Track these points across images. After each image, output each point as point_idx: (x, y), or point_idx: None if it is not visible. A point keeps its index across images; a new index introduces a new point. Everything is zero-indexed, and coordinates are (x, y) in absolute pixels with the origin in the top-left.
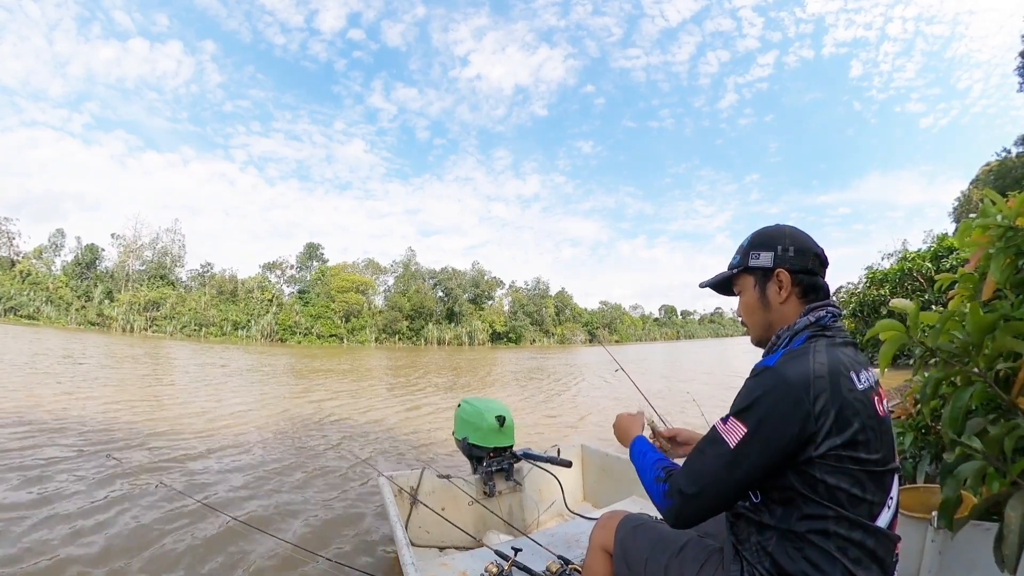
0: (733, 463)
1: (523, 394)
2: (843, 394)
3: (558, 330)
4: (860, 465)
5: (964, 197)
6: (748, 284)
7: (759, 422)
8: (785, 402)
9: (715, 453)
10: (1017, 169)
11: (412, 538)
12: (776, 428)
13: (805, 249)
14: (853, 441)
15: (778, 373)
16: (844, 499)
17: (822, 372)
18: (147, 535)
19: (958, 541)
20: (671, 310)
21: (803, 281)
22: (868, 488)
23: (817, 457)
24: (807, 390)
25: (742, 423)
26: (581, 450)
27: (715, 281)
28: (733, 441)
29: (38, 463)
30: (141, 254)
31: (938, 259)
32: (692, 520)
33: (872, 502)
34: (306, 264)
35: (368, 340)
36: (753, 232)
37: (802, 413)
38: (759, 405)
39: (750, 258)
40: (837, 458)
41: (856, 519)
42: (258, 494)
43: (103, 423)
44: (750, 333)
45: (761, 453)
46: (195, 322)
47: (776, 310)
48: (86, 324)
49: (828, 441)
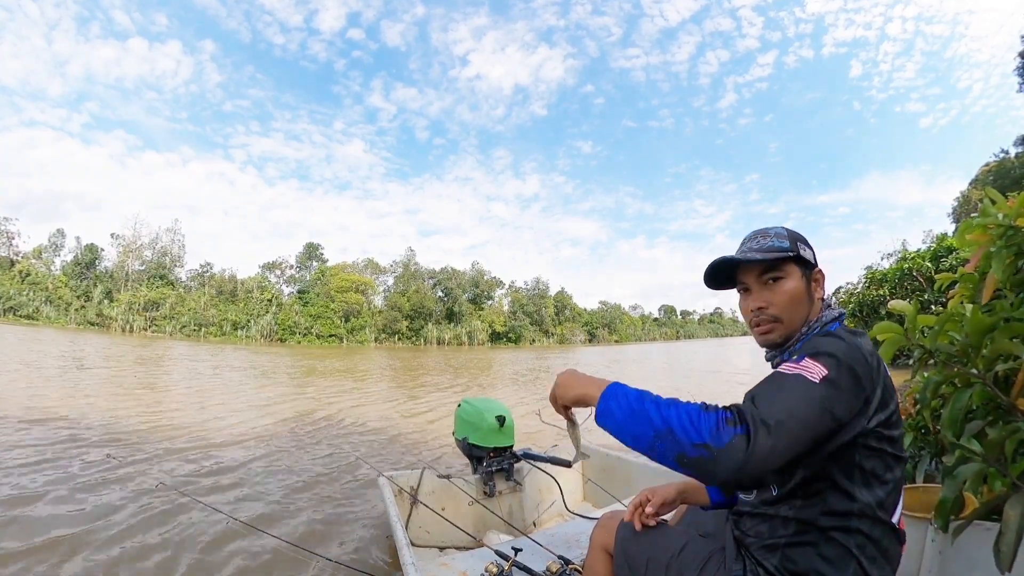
0: (823, 402)
1: (523, 394)
2: (885, 376)
3: (558, 330)
4: (894, 448)
5: (964, 197)
6: (796, 274)
7: (839, 366)
8: (858, 362)
9: (796, 386)
10: (1016, 169)
11: (412, 538)
12: (855, 378)
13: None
14: (890, 421)
15: (849, 335)
16: (877, 487)
17: (874, 350)
18: (146, 535)
19: (958, 541)
20: (671, 310)
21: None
22: (896, 474)
23: (861, 435)
24: (871, 359)
25: (821, 364)
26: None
27: (761, 258)
28: (816, 377)
29: (37, 461)
30: (141, 254)
31: (938, 259)
32: (765, 460)
33: (897, 493)
34: (306, 264)
35: (368, 340)
36: (779, 226)
37: (871, 375)
38: (836, 352)
39: (800, 248)
40: (878, 438)
41: (878, 516)
42: (258, 494)
43: (102, 422)
44: (779, 329)
45: (846, 395)
46: (195, 322)
47: (815, 306)
48: (85, 324)
49: (876, 416)
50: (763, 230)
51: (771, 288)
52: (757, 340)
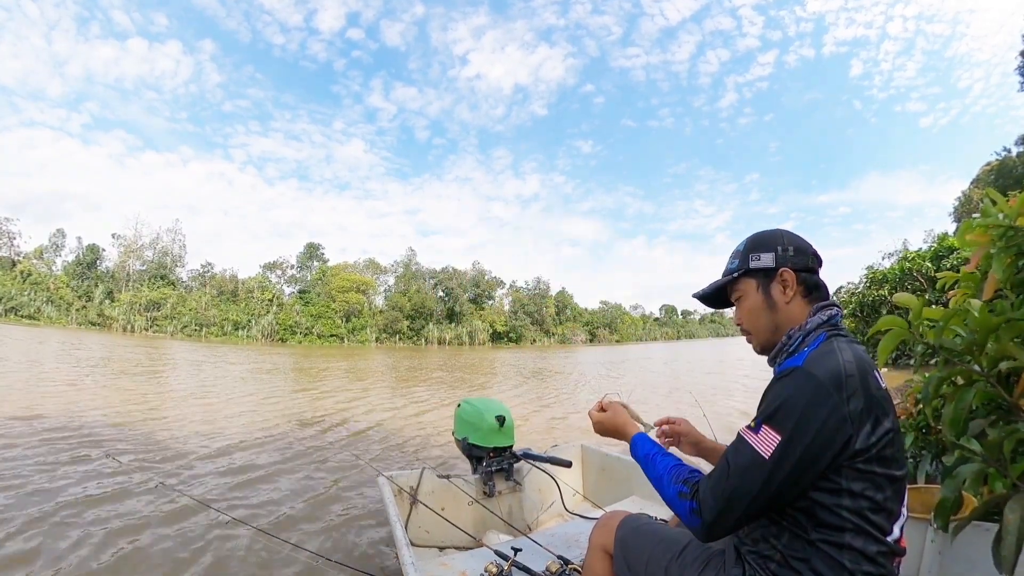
0: (770, 477)
1: (523, 394)
2: (872, 392)
3: (558, 330)
4: (886, 468)
5: (965, 197)
6: (750, 288)
7: (795, 427)
8: (821, 404)
9: (746, 466)
10: (1018, 169)
11: (412, 538)
12: (814, 433)
13: (803, 248)
14: (881, 443)
15: (809, 373)
16: (867, 508)
17: (852, 370)
18: (146, 535)
19: (958, 541)
20: (671, 310)
21: (806, 280)
22: (889, 496)
23: (846, 462)
24: (841, 390)
25: (775, 430)
26: (581, 450)
27: (711, 289)
28: (767, 451)
29: (40, 462)
30: (141, 254)
31: (939, 259)
32: (724, 535)
33: (890, 511)
34: (306, 264)
35: (368, 340)
36: (748, 237)
37: (839, 416)
38: (792, 409)
39: (751, 260)
40: (867, 460)
41: (873, 533)
42: (258, 493)
43: (103, 422)
44: (754, 340)
45: (799, 462)
46: (196, 322)
47: (783, 310)
48: (87, 324)
49: (862, 444)
50: (735, 250)
51: (738, 305)
52: None
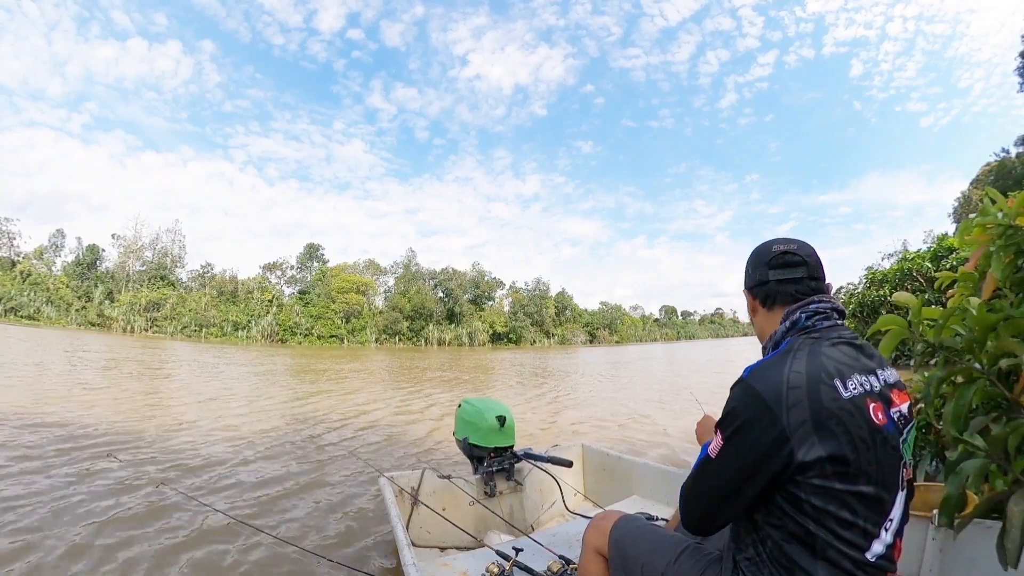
0: (711, 472)
1: (524, 394)
2: (824, 404)
3: (558, 331)
4: (848, 484)
5: (964, 197)
6: (748, 299)
7: (732, 433)
8: (756, 415)
9: (701, 463)
10: (1017, 169)
11: (413, 538)
12: (748, 441)
13: (757, 262)
14: (836, 457)
15: (747, 385)
16: (834, 524)
17: (798, 382)
18: (146, 534)
19: (959, 539)
20: (671, 311)
21: (758, 294)
22: (860, 512)
23: (798, 475)
24: (778, 402)
25: (720, 434)
26: (582, 450)
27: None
28: (714, 451)
29: (38, 460)
30: (141, 254)
31: (938, 259)
32: (694, 527)
33: (864, 529)
34: (306, 264)
35: (368, 341)
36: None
37: (776, 429)
38: (732, 417)
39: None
40: (821, 476)
41: (844, 550)
42: (259, 494)
43: (103, 422)
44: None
45: (736, 465)
46: (195, 323)
47: (756, 325)
48: (86, 324)
49: (808, 457)
50: None
51: None
52: None
